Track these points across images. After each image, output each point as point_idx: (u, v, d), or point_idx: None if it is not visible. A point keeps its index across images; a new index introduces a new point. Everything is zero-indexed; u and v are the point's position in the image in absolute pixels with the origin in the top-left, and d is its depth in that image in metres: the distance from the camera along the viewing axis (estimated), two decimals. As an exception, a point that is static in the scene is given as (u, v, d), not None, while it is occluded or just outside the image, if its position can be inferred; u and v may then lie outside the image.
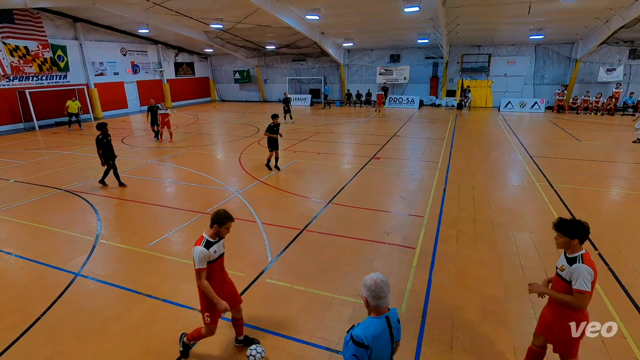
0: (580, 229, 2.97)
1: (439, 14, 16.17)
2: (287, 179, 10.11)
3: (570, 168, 10.61)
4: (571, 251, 3.03)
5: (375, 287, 2.28)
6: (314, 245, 6.23)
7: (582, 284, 2.87)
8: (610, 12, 16.63)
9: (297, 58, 30.09)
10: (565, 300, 2.98)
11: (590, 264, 2.92)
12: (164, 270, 5.53)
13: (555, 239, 3.10)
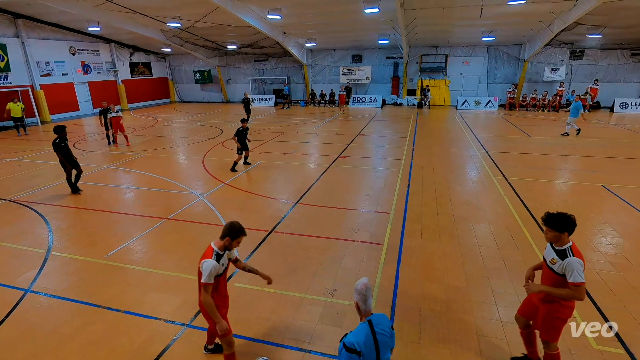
0: (568, 222, 3.02)
1: (398, 15, 16.64)
2: (253, 180, 9.97)
3: (522, 162, 11.31)
4: (560, 244, 3.08)
5: (366, 291, 2.36)
6: (282, 246, 6.19)
7: (577, 276, 2.92)
8: (553, 16, 17.91)
9: (260, 58, 29.77)
10: (564, 295, 3.01)
11: (578, 254, 3.01)
12: (126, 280, 5.27)
13: (545, 233, 3.16)
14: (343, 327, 4.22)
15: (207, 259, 3.20)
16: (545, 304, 3.19)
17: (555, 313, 3.15)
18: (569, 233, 3.04)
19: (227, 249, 3.32)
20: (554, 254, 3.10)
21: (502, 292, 4.84)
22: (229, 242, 3.27)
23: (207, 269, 3.15)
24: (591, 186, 8.94)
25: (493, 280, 5.10)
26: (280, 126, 18.93)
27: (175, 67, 32.31)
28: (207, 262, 3.18)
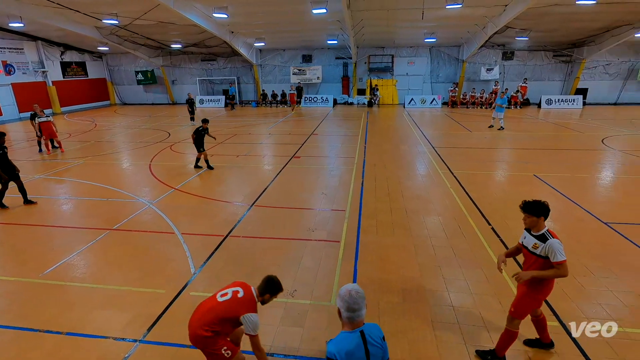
0: (543, 208, 3.29)
1: (345, 16, 16.98)
2: (205, 184, 9.63)
3: (465, 155, 12.08)
4: (537, 229, 3.35)
5: (349, 298, 2.15)
6: (239, 250, 6.06)
7: (559, 255, 3.19)
8: (486, 19, 19.33)
9: (207, 58, 28.81)
10: (551, 275, 3.26)
11: (555, 236, 3.28)
12: (66, 299, 4.84)
13: (523, 220, 3.41)
14: (305, 327, 4.23)
15: (253, 313, 3.10)
16: (526, 286, 3.44)
17: (534, 293, 3.41)
18: (544, 217, 3.32)
19: (263, 303, 3.28)
20: (534, 239, 3.37)
21: (452, 279, 5.14)
22: (269, 298, 3.26)
23: (255, 323, 3.08)
24: (525, 176, 9.78)
25: (444, 268, 5.39)
26: (231, 128, 18.47)
27: (114, 67, 30.25)
28: (255, 317, 3.09)
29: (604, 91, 25.78)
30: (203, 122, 10.67)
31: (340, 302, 2.18)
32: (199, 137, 10.50)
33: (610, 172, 10.35)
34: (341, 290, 2.20)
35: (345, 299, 2.15)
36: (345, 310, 2.15)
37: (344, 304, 2.15)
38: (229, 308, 3.09)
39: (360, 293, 2.17)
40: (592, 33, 21.96)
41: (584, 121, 19.14)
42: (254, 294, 3.20)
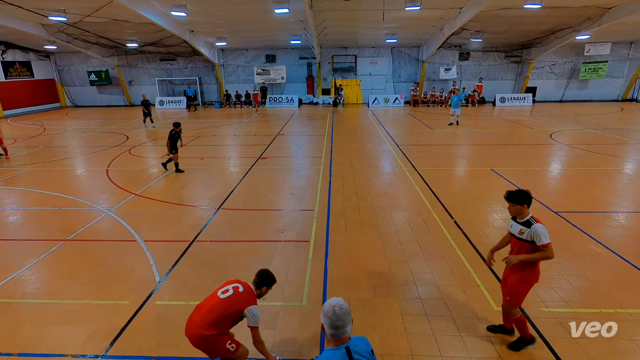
0: (526, 197, 3.52)
1: (308, 16, 17.01)
2: (169, 188, 9.29)
3: (427, 152, 12.51)
4: (522, 217, 3.57)
5: (332, 315, 2.00)
6: (207, 255, 5.90)
7: (544, 238, 3.40)
8: (443, 21, 20.12)
9: (166, 57, 27.79)
10: (538, 257, 3.47)
11: (539, 221, 3.50)
12: (16, 317, 4.48)
13: (508, 208, 3.63)
14: (277, 330, 4.19)
15: (255, 305, 3.27)
16: (516, 273, 3.62)
17: (524, 279, 3.59)
18: (527, 205, 3.53)
19: (260, 296, 3.42)
20: (520, 226, 3.57)
21: (419, 272, 5.30)
22: (266, 290, 3.44)
23: (258, 315, 3.26)
24: (483, 170, 10.28)
25: (411, 263, 5.55)
26: (194, 130, 17.93)
27: (64, 67, 28.40)
28: (257, 309, 3.26)
29: (551, 89, 27.70)
30: (175, 125, 10.50)
31: (323, 318, 2.04)
32: (173, 141, 10.32)
33: (559, 164, 11.13)
34: (324, 306, 2.06)
35: (329, 316, 2.01)
36: (329, 327, 2.02)
37: (328, 320, 2.02)
38: (233, 303, 3.20)
39: (344, 309, 2.04)
40: (538, 35, 23.49)
41: (534, 118, 20.44)
42: (253, 289, 3.36)
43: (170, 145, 10.30)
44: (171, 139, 10.30)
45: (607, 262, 5.49)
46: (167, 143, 10.32)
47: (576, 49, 25.63)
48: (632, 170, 10.27)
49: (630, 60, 26.45)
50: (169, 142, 10.27)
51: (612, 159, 11.29)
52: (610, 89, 27.35)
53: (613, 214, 7.27)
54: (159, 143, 14.88)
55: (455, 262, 5.54)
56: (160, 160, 11.80)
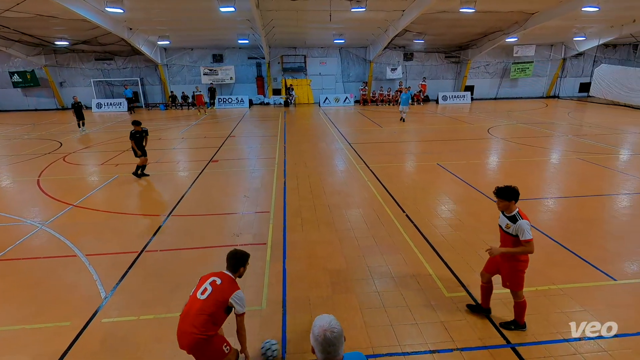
0: (514, 193, 3.73)
1: (255, 15, 16.77)
2: (112, 197, 8.67)
3: (378, 150, 12.92)
4: (509, 211, 3.80)
5: (323, 340, 1.81)
6: (158, 265, 5.60)
7: (526, 234, 3.66)
8: (387, 22, 20.87)
9: (102, 57, 25.89)
10: (519, 251, 3.76)
11: (525, 217, 3.74)
12: None
13: (497, 203, 3.86)
14: (235, 336, 4.09)
15: (238, 290, 3.19)
16: (507, 262, 3.91)
17: (516, 267, 3.88)
18: (515, 201, 3.77)
19: (240, 276, 3.36)
20: (507, 220, 3.82)
21: (375, 266, 5.47)
22: (244, 270, 3.36)
23: (243, 298, 3.21)
24: (429, 165, 10.84)
25: (367, 257, 5.71)
26: (138, 133, 16.89)
27: (-20, 67, 25.34)
28: (241, 293, 3.20)
29: (486, 88, 29.93)
30: (135, 124, 9.84)
31: (314, 342, 1.85)
32: (138, 142, 9.70)
33: (496, 157, 12.06)
34: (314, 328, 1.86)
35: (319, 341, 1.82)
36: (320, 352, 1.84)
37: (319, 346, 1.83)
38: (216, 297, 3.09)
39: (335, 332, 1.83)
40: (473, 37, 25.28)
41: (473, 114, 21.95)
42: (230, 275, 3.27)
43: (138, 147, 9.72)
44: (134, 139, 9.64)
45: (540, 243, 6.04)
46: (131, 145, 9.69)
47: (506, 50, 27.91)
48: (558, 160, 11.43)
49: (551, 61, 29.40)
50: (133, 144, 9.63)
51: (540, 151, 12.46)
52: (536, 86, 30.21)
53: (543, 200, 8.04)
54: (99, 149, 13.85)
55: (408, 253, 5.79)
56: (102, 165, 11.01)
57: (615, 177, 9.54)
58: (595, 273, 5.17)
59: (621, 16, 20.81)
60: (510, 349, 3.83)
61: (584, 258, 5.54)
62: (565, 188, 8.92)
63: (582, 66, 29.81)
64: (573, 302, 4.53)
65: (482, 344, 3.91)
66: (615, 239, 6.23)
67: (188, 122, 20.34)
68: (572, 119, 19.49)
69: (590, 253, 5.67)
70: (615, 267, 5.31)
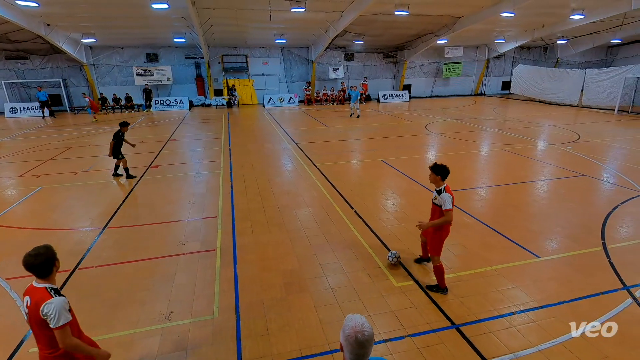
0: (443, 170, 4.47)
1: (191, 13, 16.07)
2: (36, 212, 7.79)
3: (325, 149, 13.10)
4: (437, 185, 4.56)
5: (354, 342, 1.78)
6: (94, 283, 5.14)
7: (447, 204, 4.39)
8: (327, 23, 21.21)
9: (15, 55, 23.07)
10: (442, 221, 4.46)
11: (449, 192, 4.46)
12: None
13: (429, 176, 4.59)
14: (188, 349, 3.91)
15: (47, 301, 2.57)
16: (433, 232, 4.66)
17: (440, 236, 4.63)
18: (442, 178, 4.50)
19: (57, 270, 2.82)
20: (435, 193, 4.58)
21: (327, 263, 5.54)
22: (57, 270, 2.79)
23: (56, 309, 2.56)
24: (374, 162, 11.24)
25: (319, 255, 5.77)
26: (63, 140, 15.37)
27: None
28: (52, 303, 2.57)
29: (422, 86, 31.73)
30: (122, 125, 9.64)
31: (344, 342, 1.83)
32: (118, 143, 9.51)
33: (434, 151, 12.85)
34: (345, 327, 1.82)
35: (350, 342, 1.79)
36: (350, 352, 1.82)
37: (349, 347, 1.81)
38: (33, 314, 2.62)
39: (366, 334, 1.79)
40: (408, 39, 26.67)
41: (411, 112, 23.16)
42: (41, 284, 2.70)
43: (114, 149, 9.45)
44: (116, 139, 9.46)
45: (476, 229, 6.58)
46: (110, 145, 9.41)
47: (438, 51, 29.84)
48: (487, 152, 12.49)
49: (477, 62, 32.00)
50: (113, 144, 9.39)
51: (471, 144, 13.53)
52: (465, 85, 32.70)
53: (476, 190, 8.74)
54: (16, 158, 12.35)
55: (358, 248, 5.96)
56: (22, 177, 9.86)
57: (535, 166, 10.68)
58: (522, 252, 5.75)
59: (533, 21, 23.31)
60: (455, 330, 4.11)
61: (513, 239, 6.13)
62: (494, 177, 9.78)
63: (503, 66, 32.85)
64: (506, 281, 4.99)
65: (430, 327, 4.15)
66: (537, 220, 6.98)
67: (122, 126, 18.90)
68: (497, 114, 21.42)
69: (518, 235, 6.29)
70: (539, 246, 5.95)
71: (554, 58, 32.65)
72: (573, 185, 8.91)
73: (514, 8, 17.57)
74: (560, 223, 6.81)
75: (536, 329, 4.11)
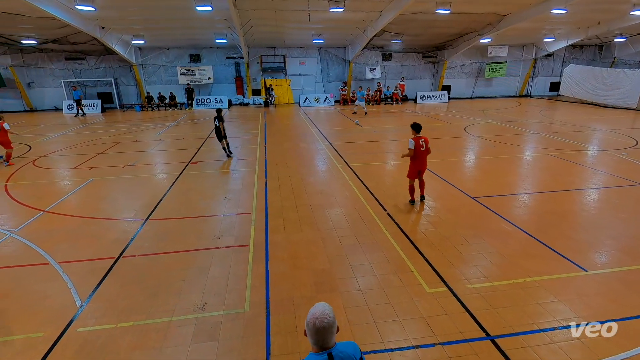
0: (414, 126, 7.45)
1: (232, 15, 16.57)
2: (86, 202, 8.38)
3: (359, 149, 13.02)
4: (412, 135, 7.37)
5: (312, 327, 1.94)
6: (136, 271, 5.45)
7: (410, 145, 7.33)
8: (366, 23, 21.05)
9: (74, 56, 24.96)
10: (407, 154, 7.45)
11: (415, 139, 7.35)
12: None
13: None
14: (220, 340, 4.04)
15: None
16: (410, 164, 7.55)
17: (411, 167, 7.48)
18: (414, 131, 7.45)
19: None
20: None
21: (358, 264, 5.50)
22: None
23: None
24: (409, 163, 10.96)
25: (350, 256, 5.74)
26: (112, 135, 16.41)
27: (-62, 67, 23.93)
28: None
29: (462, 87, 30.66)
30: (219, 112, 11.84)
31: (306, 328, 2.01)
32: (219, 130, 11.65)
33: (473, 155, 12.37)
34: (308, 315, 1.99)
35: (309, 328, 1.97)
36: (310, 338, 1.99)
37: (309, 332, 1.98)
38: None
39: (325, 322, 1.94)
40: (449, 38, 25.85)
41: (450, 113, 22.44)
42: None
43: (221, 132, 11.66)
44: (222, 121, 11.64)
45: (516, 237, 6.26)
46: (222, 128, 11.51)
47: (481, 50, 28.68)
48: (530, 157, 11.83)
49: (523, 61, 30.42)
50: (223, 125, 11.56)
51: (514, 148, 12.88)
52: (509, 86, 31.20)
53: (518, 196, 8.31)
54: (71, 152, 13.34)
55: (390, 251, 5.86)
56: (76, 169, 10.64)
57: (584, 172, 9.97)
58: (567, 264, 5.39)
59: (587, 18, 21.78)
60: (489, 341, 3.94)
61: (557, 250, 5.76)
62: (538, 183, 9.25)
63: (552, 66, 30.99)
64: (547, 294, 4.70)
65: (463, 337, 4.00)
66: (586, 231, 6.52)
67: (165, 124, 19.89)
68: (544, 116, 20.24)
69: (563, 245, 5.91)
70: (586, 258, 5.55)
71: (610, 57, 30.29)
72: (628, 195, 8.23)
73: (565, 4, 16.51)
74: (612, 235, 6.31)
75: (580, 347, 3.84)
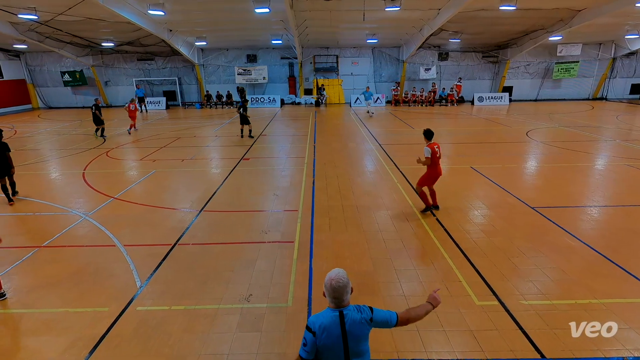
0: (426, 133, 7.10)
1: (288, 16, 16.97)
2: (149, 191, 9.09)
3: (409, 151, 12.66)
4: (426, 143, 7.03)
5: (329, 287, 2.30)
6: (189, 258, 5.80)
7: (426, 154, 6.96)
8: (422, 22, 20.43)
9: (144, 57, 27.19)
10: (423, 162, 7.01)
11: (430, 146, 6.96)
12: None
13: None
14: (262, 331, 4.17)
15: None
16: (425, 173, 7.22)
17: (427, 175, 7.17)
18: (426, 138, 7.12)
19: None
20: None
21: (403, 269, 5.37)
22: None
23: None
24: (463, 168, 10.50)
25: (395, 260, 5.62)
26: (174, 131, 17.61)
27: (36, 67, 27.37)
28: None
29: (526, 88, 28.56)
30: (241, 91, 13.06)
31: (324, 288, 2.34)
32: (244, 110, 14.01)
33: (534, 161, 11.49)
34: (325, 278, 2.33)
35: (327, 287, 2.31)
36: (328, 296, 2.33)
37: (326, 291, 2.32)
38: None
39: (341, 283, 2.29)
40: (513, 36, 24.18)
41: (511, 116, 21.02)
42: None
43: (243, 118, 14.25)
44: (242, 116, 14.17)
45: (581, 254, 5.71)
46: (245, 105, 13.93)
47: (549, 49, 26.51)
48: (603, 166, 10.71)
49: (599, 61, 27.59)
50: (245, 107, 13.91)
51: (584, 156, 11.74)
52: (581, 88, 28.46)
53: (586, 208, 7.56)
54: (139, 145, 14.55)
55: (437, 258, 5.64)
56: (141, 161, 11.57)
57: (669, 186, 8.82)
58: (643, 288, 4.80)
59: (681, 12, 19.17)
60: (544, 364, 3.64)
61: (630, 271, 5.16)
62: (610, 196, 8.35)
63: (634, 66, 27.76)
64: (616, 318, 4.23)
65: (514, 355, 3.74)
66: (668, 253, 5.76)
67: (222, 121, 20.92)
68: (621, 122, 18.21)
69: (638, 266, 5.28)
70: (667, 284, 4.90)
71: None
72: None
73: (655, -4, 14.69)
74: (702, 259, 5.51)
75: (654, 382, 3.41)
